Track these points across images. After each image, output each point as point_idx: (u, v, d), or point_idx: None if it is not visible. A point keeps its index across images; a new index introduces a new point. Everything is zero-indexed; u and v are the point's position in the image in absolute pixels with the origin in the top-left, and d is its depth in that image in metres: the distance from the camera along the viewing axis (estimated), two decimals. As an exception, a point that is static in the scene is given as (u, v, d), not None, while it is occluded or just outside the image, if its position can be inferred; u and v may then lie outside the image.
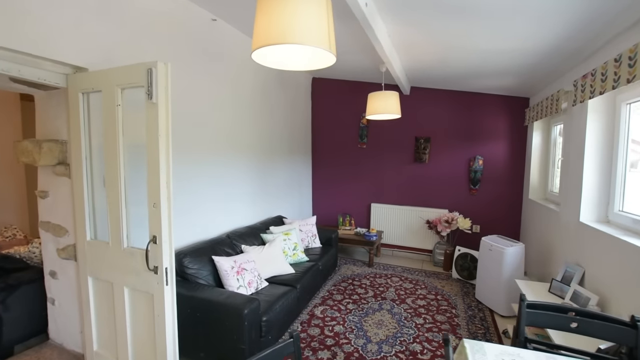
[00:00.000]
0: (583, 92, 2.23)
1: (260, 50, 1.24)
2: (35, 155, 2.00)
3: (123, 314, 1.87)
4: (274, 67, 1.34)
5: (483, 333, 2.68)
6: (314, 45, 1.14)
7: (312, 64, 1.32)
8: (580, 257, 2.36)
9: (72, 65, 1.88)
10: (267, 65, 1.32)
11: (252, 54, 1.25)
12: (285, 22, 1.13)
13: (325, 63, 1.27)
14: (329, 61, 1.24)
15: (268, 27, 1.15)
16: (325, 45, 1.16)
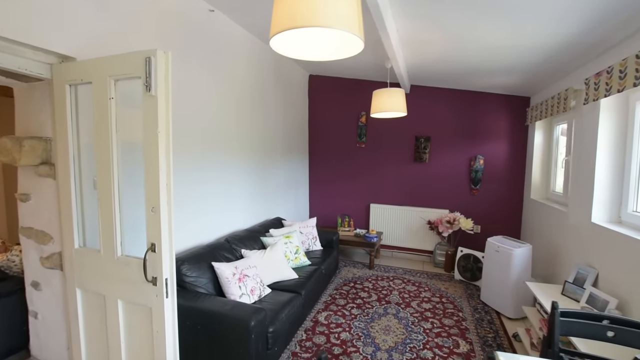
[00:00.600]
0: (597, 90, 2.19)
1: (280, 38, 1.10)
2: (15, 154, 1.79)
3: (117, 330, 1.70)
4: (294, 56, 1.21)
5: (493, 337, 2.62)
6: (345, 29, 1.01)
7: (338, 53, 1.19)
8: (592, 259, 2.32)
9: (57, 53, 1.70)
10: (286, 55, 1.19)
11: (270, 40, 1.12)
12: (313, 2, 1.00)
13: (352, 51, 1.14)
14: (357, 49, 1.12)
15: (292, 8, 1.01)
16: (356, 29, 1.03)
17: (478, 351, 2.41)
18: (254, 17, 2.83)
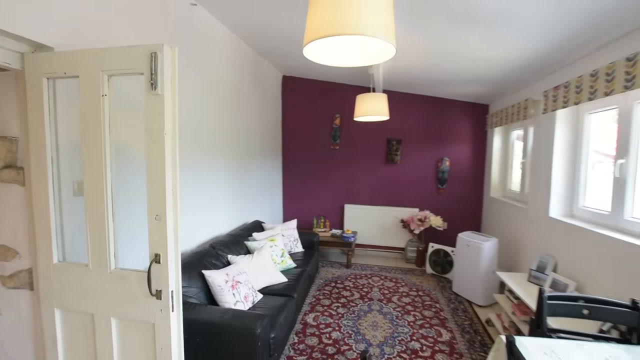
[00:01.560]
0: (555, 101, 2.51)
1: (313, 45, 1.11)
2: None
3: (109, 352, 1.54)
4: (325, 63, 1.21)
5: (469, 324, 2.86)
6: (381, 37, 1.05)
7: (372, 59, 1.23)
8: (551, 248, 2.65)
9: (32, 41, 1.48)
10: (318, 61, 1.19)
11: (304, 47, 1.11)
12: (353, 11, 1.02)
13: (385, 57, 1.19)
14: (390, 55, 1.17)
15: (333, 16, 1.03)
16: (393, 39, 1.08)
17: (459, 338, 2.62)
18: (236, 14, 2.74)
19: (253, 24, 2.88)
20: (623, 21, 1.82)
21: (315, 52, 1.18)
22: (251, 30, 3.05)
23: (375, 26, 1.04)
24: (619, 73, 1.86)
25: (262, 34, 3.13)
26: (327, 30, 1.03)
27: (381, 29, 1.05)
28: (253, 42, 3.41)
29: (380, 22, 1.05)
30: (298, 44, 3.16)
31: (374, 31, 1.04)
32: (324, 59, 1.21)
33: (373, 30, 1.04)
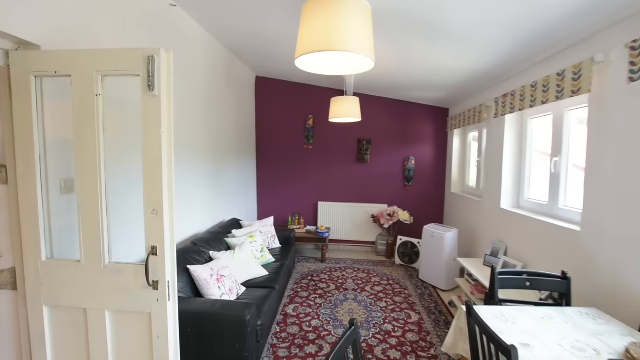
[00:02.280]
0: (504, 107, 2.89)
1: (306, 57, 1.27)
2: None
3: (103, 344, 1.58)
4: (314, 72, 1.38)
5: (434, 306, 3.17)
6: (362, 53, 1.24)
7: (354, 70, 1.41)
8: (502, 235, 3.04)
9: (17, 38, 1.48)
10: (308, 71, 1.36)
11: (297, 58, 1.27)
12: (342, 31, 1.20)
13: (365, 69, 1.38)
14: (369, 67, 1.36)
15: (325, 34, 1.20)
16: (372, 54, 1.27)
17: (426, 318, 2.91)
18: (213, 15, 2.80)
19: (228, 24, 2.95)
20: (554, 43, 2.18)
21: (306, 63, 1.34)
22: (226, 30, 3.11)
23: (359, 44, 1.23)
24: (552, 85, 2.22)
25: (236, 34, 3.19)
26: (320, 46, 1.20)
27: (364, 46, 1.24)
28: (227, 42, 3.47)
29: (363, 41, 1.24)
30: (272, 44, 3.29)
31: (358, 48, 1.23)
32: (313, 69, 1.38)
33: (357, 48, 1.22)
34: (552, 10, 1.81)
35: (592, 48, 1.96)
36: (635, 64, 1.61)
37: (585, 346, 1.35)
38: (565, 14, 1.82)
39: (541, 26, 2.00)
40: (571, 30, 1.98)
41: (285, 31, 2.83)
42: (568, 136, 2.41)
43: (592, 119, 1.99)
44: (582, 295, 1.98)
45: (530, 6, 1.80)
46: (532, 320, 1.56)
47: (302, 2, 2.26)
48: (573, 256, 2.12)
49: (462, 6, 1.91)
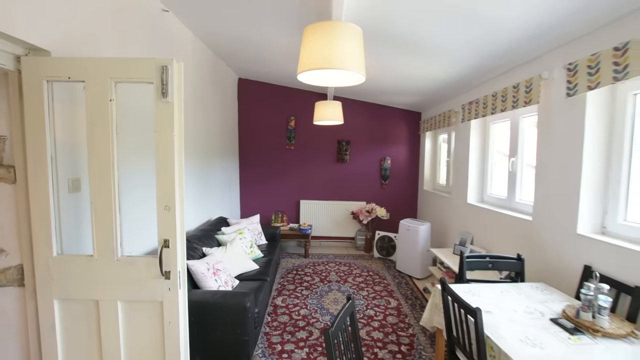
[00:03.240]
0: (470, 113, 3.26)
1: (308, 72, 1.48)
2: None
3: (115, 332, 1.68)
4: (313, 84, 1.58)
5: (411, 293, 3.49)
6: (355, 71, 1.47)
7: (348, 82, 1.64)
8: (469, 227, 3.42)
9: (29, 44, 1.56)
10: (309, 83, 1.56)
11: (299, 74, 1.48)
12: (335, 51, 1.42)
13: (356, 82, 1.61)
14: (360, 81, 1.60)
15: (325, 55, 1.41)
16: (364, 71, 1.51)
17: (404, 304, 3.22)
18: (201, 20, 2.91)
19: (214, 28, 3.06)
20: (510, 60, 2.55)
21: (307, 77, 1.55)
22: (212, 33, 3.22)
23: (353, 63, 1.46)
24: (509, 96, 2.59)
25: (222, 38, 3.31)
26: (321, 64, 1.41)
27: (357, 64, 1.47)
28: (213, 44, 3.57)
29: (356, 60, 1.47)
30: (256, 48, 3.43)
31: (352, 67, 1.46)
32: (312, 81, 1.59)
33: (352, 66, 1.45)
34: (508, 35, 2.14)
35: (540, 66, 2.33)
36: (571, 82, 1.97)
37: (534, 310, 1.68)
38: (518, 38, 2.17)
39: (500, 46, 2.35)
40: (523, 50, 2.34)
41: (269, 37, 3.00)
42: (522, 139, 2.80)
43: (540, 125, 2.37)
44: (533, 273, 2.35)
45: (491, 31, 2.13)
46: (494, 294, 1.88)
47: (287, 11, 2.46)
48: (526, 241, 2.49)
49: (435, 29, 2.20)
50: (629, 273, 1.70)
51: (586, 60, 1.85)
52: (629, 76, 1.59)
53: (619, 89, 1.89)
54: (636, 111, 1.85)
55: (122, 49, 2.17)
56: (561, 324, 1.52)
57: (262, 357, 2.34)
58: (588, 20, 1.82)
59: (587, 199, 2.01)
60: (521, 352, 1.31)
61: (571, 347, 1.35)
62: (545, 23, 1.92)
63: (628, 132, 1.87)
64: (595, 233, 1.99)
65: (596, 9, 1.71)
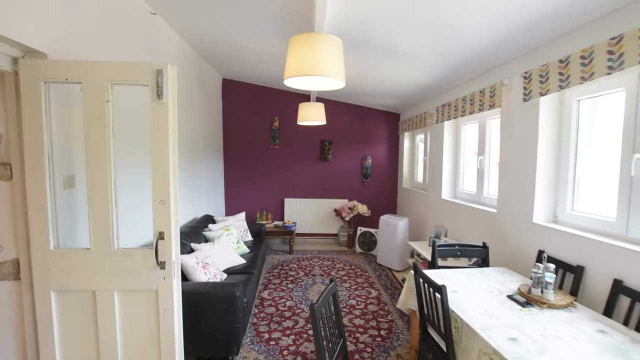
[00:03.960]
0: (443, 115, 3.51)
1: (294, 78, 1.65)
2: None
3: (112, 321, 1.78)
4: (298, 88, 1.74)
5: (390, 283, 3.71)
6: (336, 77, 1.65)
7: (329, 87, 1.81)
8: (443, 221, 3.67)
9: (28, 47, 1.63)
10: (294, 87, 1.72)
11: (286, 79, 1.64)
12: (318, 60, 1.59)
13: (337, 87, 1.79)
14: (340, 86, 1.77)
15: (309, 62, 1.58)
16: (343, 78, 1.69)
17: (384, 293, 3.43)
18: (187, 22, 2.99)
19: (200, 30, 3.15)
20: (476, 68, 2.80)
21: (292, 81, 1.71)
22: (197, 35, 3.31)
23: (334, 70, 1.63)
24: (476, 99, 2.84)
25: (207, 39, 3.39)
26: (306, 71, 1.57)
27: (337, 72, 1.64)
28: (198, 46, 3.65)
29: (337, 67, 1.64)
30: (240, 49, 3.53)
31: (333, 74, 1.63)
32: (298, 86, 1.75)
33: (333, 73, 1.62)
34: (473, 45, 2.38)
35: (502, 74, 2.59)
36: (527, 89, 2.23)
37: (493, 289, 1.91)
38: (482, 48, 2.41)
39: (467, 54, 2.59)
40: (487, 59, 2.59)
41: (254, 40, 3.13)
42: (489, 139, 3.07)
43: (503, 127, 2.63)
44: (496, 259, 2.61)
45: (458, 41, 2.36)
46: (460, 277, 2.10)
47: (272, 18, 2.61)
48: (491, 231, 2.76)
49: (410, 37, 2.41)
50: (573, 254, 1.97)
51: (538, 70, 2.11)
52: (571, 85, 1.85)
53: (566, 95, 2.16)
54: (580, 115, 2.13)
55: (112, 51, 2.25)
56: (515, 299, 1.75)
57: (251, 345, 2.47)
58: (540, 34, 2.07)
59: (541, 192, 2.28)
60: (480, 323, 1.52)
61: (521, 317, 1.58)
62: (503, 35, 2.17)
63: (573, 133, 2.14)
64: (548, 222, 2.26)
65: (545, 27, 1.96)
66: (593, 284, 1.83)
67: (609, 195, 1.92)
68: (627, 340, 1.38)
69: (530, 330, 1.46)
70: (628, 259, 1.64)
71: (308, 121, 3.65)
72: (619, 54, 1.56)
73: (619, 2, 1.62)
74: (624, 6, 1.63)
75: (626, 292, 1.62)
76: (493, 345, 1.34)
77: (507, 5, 1.80)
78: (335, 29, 2.44)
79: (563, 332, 1.44)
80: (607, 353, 1.29)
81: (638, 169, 1.69)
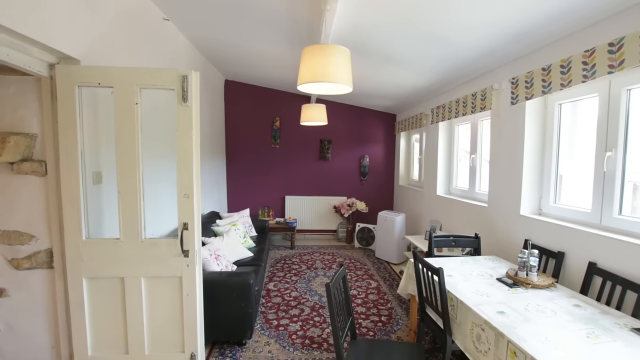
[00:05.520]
0: (437, 116, 3.73)
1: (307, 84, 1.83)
2: None
3: (139, 305, 1.94)
4: (310, 92, 1.93)
5: (388, 275, 3.92)
6: (344, 83, 1.84)
7: (337, 91, 2.00)
8: (438, 215, 3.90)
9: (64, 54, 1.78)
10: (307, 91, 1.91)
11: (299, 85, 1.83)
12: (330, 68, 1.78)
13: (345, 91, 1.98)
14: (348, 91, 1.97)
15: (321, 70, 1.77)
16: (350, 84, 1.88)
17: (383, 284, 3.64)
18: (196, 28, 3.15)
19: (206, 34, 3.31)
20: (469, 73, 3.02)
21: (305, 86, 1.89)
22: (205, 39, 3.47)
23: (343, 77, 1.82)
24: (469, 102, 3.07)
25: (212, 42, 3.55)
26: (318, 78, 1.76)
27: (346, 78, 1.83)
28: (204, 49, 3.80)
29: (346, 75, 1.83)
30: (245, 53, 3.69)
31: (343, 80, 1.82)
32: (309, 90, 1.94)
33: (342, 80, 1.81)
34: (465, 53, 2.60)
35: (492, 79, 2.81)
36: (514, 93, 2.45)
37: (485, 274, 2.12)
38: (473, 55, 2.63)
39: (460, 61, 2.81)
40: (478, 65, 2.81)
41: (260, 45, 3.30)
42: (481, 139, 3.30)
43: (493, 127, 2.85)
44: (487, 248, 2.84)
45: (452, 49, 2.57)
46: (455, 264, 2.31)
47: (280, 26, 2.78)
48: (483, 223, 2.98)
49: (407, 45, 2.61)
50: (555, 242, 2.19)
51: (524, 76, 2.33)
52: (552, 90, 2.07)
53: (549, 99, 2.39)
54: (562, 117, 2.36)
55: (131, 54, 2.40)
56: (504, 281, 1.97)
57: (262, 331, 2.65)
58: (525, 44, 2.29)
59: (528, 187, 2.50)
60: (473, 300, 1.73)
61: (509, 295, 1.79)
62: (492, 45, 2.39)
63: (556, 134, 2.37)
64: (534, 214, 2.49)
65: (529, 39, 2.18)
66: (572, 267, 2.06)
67: (586, 189, 2.15)
68: (598, 312, 1.60)
69: (516, 305, 1.67)
70: (601, 244, 1.87)
71: (310, 122, 3.82)
72: (592, 65, 1.78)
73: (594, 19, 1.84)
74: (598, 22, 1.85)
75: (599, 272, 1.84)
76: (484, 317, 1.55)
77: (495, 18, 2.02)
78: (338, 37, 2.63)
79: (544, 306, 1.66)
80: (580, 322, 1.51)
81: (609, 165, 1.92)
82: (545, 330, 1.43)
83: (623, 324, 1.48)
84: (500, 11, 1.93)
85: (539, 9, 1.84)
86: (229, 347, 2.42)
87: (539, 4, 1.80)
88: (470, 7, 1.94)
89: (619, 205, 1.90)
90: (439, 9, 2.03)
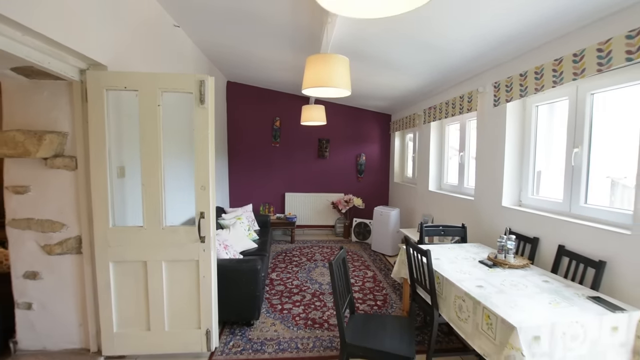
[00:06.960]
0: (429, 116, 3.99)
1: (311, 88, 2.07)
2: (29, 147, 1.96)
3: (160, 286, 2.16)
4: (313, 95, 2.16)
5: (384, 266, 4.17)
6: (343, 88, 2.08)
7: (337, 94, 2.24)
8: (430, 209, 4.16)
9: (93, 60, 2.00)
10: (310, 95, 2.14)
11: (303, 89, 2.06)
12: (334, 74, 2.02)
13: (344, 94, 2.22)
14: (346, 94, 2.21)
15: (324, 76, 2.01)
16: (349, 88, 2.12)
17: (378, 274, 3.88)
18: (204, 33, 3.36)
19: (214, 40, 3.52)
20: (457, 76, 3.28)
21: (309, 90, 2.13)
22: (210, 44, 3.68)
23: (343, 82, 2.06)
24: (457, 104, 3.32)
25: (218, 47, 3.76)
26: (322, 83, 2.00)
27: (345, 84, 2.08)
28: (209, 52, 4.01)
29: (345, 80, 2.07)
30: (248, 56, 3.90)
31: (343, 85, 2.06)
32: (313, 93, 2.18)
33: (342, 85, 2.05)
34: (453, 59, 2.85)
35: (478, 82, 3.07)
36: (496, 96, 2.71)
37: (469, 257, 2.38)
38: (460, 61, 2.88)
39: (449, 65, 3.06)
40: (466, 69, 3.07)
41: (263, 50, 3.53)
42: (469, 138, 3.56)
43: (478, 127, 3.11)
44: (473, 237, 3.10)
45: (441, 56, 2.82)
46: (443, 250, 2.57)
47: (284, 34, 3.01)
48: (469, 215, 3.24)
49: (401, 51, 2.86)
50: (532, 229, 2.45)
51: (504, 81, 2.59)
52: (528, 94, 2.33)
53: (527, 102, 2.65)
54: (538, 118, 2.62)
55: (145, 59, 2.61)
56: (484, 263, 2.22)
57: (267, 314, 2.88)
58: (505, 52, 2.55)
59: (508, 181, 2.76)
60: (456, 277, 1.98)
61: (488, 274, 2.04)
62: (477, 52, 2.64)
63: (533, 133, 2.63)
64: (514, 205, 2.75)
65: (508, 47, 2.44)
66: (545, 250, 2.32)
67: (558, 181, 2.41)
68: (562, 286, 1.86)
69: (494, 281, 1.92)
70: (569, 229, 2.13)
71: (310, 122, 4.06)
72: (560, 72, 2.04)
73: (562, 31, 2.10)
74: (567, 34, 2.11)
75: (566, 253, 2.11)
76: (465, 289, 1.80)
77: (480, 32, 2.27)
78: (338, 44, 2.87)
79: (518, 282, 1.91)
80: (545, 293, 1.76)
81: (576, 160, 2.19)
82: (515, 299, 1.68)
83: (582, 294, 1.74)
84: (482, 25, 2.18)
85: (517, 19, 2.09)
86: (238, 327, 2.64)
87: (518, 16, 2.05)
88: (459, 22, 2.19)
89: (585, 195, 2.17)
90: (431, 24, 2.27)
